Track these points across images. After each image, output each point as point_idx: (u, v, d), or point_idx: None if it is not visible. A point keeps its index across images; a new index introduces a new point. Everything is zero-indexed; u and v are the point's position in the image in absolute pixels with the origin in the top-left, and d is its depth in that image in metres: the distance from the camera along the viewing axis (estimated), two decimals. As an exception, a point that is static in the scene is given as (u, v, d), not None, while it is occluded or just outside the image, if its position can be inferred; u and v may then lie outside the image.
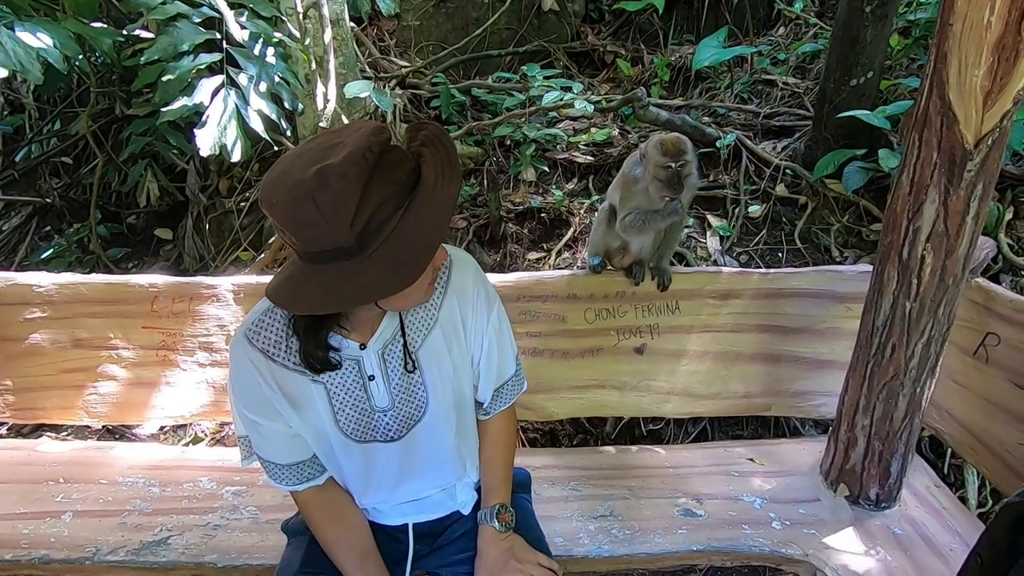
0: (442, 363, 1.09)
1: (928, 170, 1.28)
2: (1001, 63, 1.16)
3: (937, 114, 1.24)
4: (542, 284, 1.84)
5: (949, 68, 1.20)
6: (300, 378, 1.02)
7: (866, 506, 1.58)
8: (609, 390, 1.88)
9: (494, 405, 1.19)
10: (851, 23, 2.40)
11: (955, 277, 1.34)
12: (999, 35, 1.14)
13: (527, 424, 2.50)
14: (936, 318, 1.38)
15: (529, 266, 2.95)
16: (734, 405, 1.90)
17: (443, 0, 3.97)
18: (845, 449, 1.58)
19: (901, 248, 1.36)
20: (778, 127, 3.17)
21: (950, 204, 1.27)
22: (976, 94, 1.18)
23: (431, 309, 1.07)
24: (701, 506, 1.60)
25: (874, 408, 1.50)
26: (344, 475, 1.13)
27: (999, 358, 1.59)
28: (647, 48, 4.11)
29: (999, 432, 1.57)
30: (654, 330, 1.85)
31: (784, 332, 1.85)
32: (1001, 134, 1.21)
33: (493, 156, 3.43)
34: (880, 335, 1.45)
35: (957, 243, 1.30)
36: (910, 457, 1.58)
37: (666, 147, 1.61)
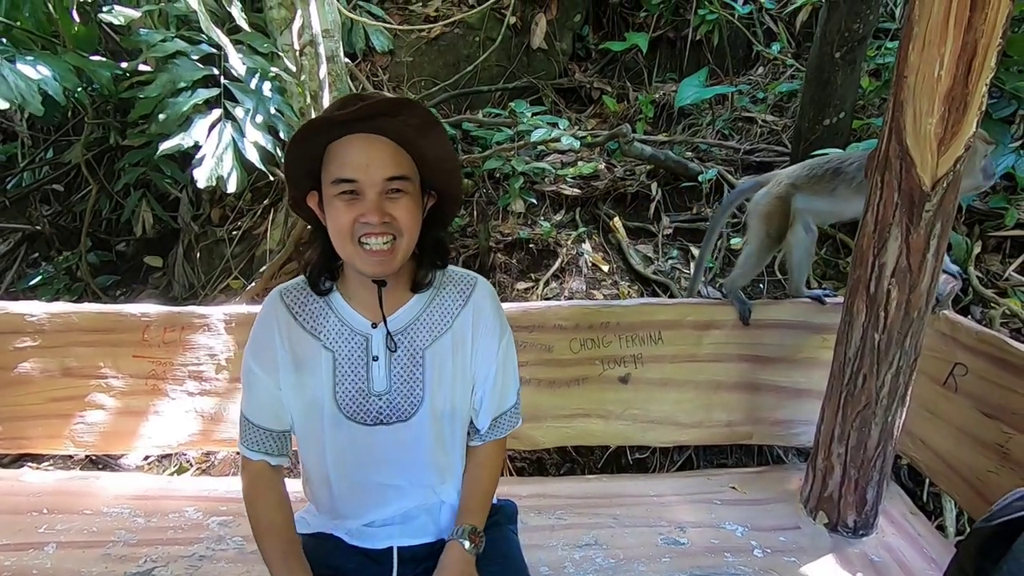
0: (444, 369, 1.11)
1: (890, 210, 1.36)
2: (952, 112, 1.25)
3: (896, 158, 1.33)
4: (528, 315, 1.89)
5: (905, 116, 1.30)
6: (313, 342, 1.08)
7: (844, 533, 1.61)
8: (595, 419, 1.92)
9: (489, 434, 1.20)
10: (822, 67, 2.53)
11: (919, 310, 1.41)
12: (948, 87, 1.24)
13: (515, 453, 2.52)
14: (903, 349, 1.44)
15: (518, 296, 3.00)
16: (717, 433, 1.94)
17: (435, 38, 4.11)
18: (823, 477, 1.63)
19: (868, 283, 1.43)
20: (758, 162, 3.30)
21: (911, 242, 1.35)
22: (931, 140, 1.28)
23: (448, 316, 1.12)
24: (684, 534, 1.63)
25: (848, 436, 1.55)
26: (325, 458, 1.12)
27: (967, 387, 1.66)
28: (632, 85, 4.26)
29: (970, 460, 1.62)
30: (638, 360, 1.90)
31: (764, 362, 1.91)
32: (955, 177, 1.30)
33: (483, 188, 3.51)
34: (852, 366, 1.51)
35: (920, 278, 1.38)
36: (885, 484, 1.62)
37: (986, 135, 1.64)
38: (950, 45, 1.21)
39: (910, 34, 1.27)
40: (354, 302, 1.10)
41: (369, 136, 0.98)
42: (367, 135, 0.98)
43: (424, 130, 1.00)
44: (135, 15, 2.72)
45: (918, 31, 1.25)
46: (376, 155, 0.98)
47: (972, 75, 1.22)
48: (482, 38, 4.05)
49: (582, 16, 4.38)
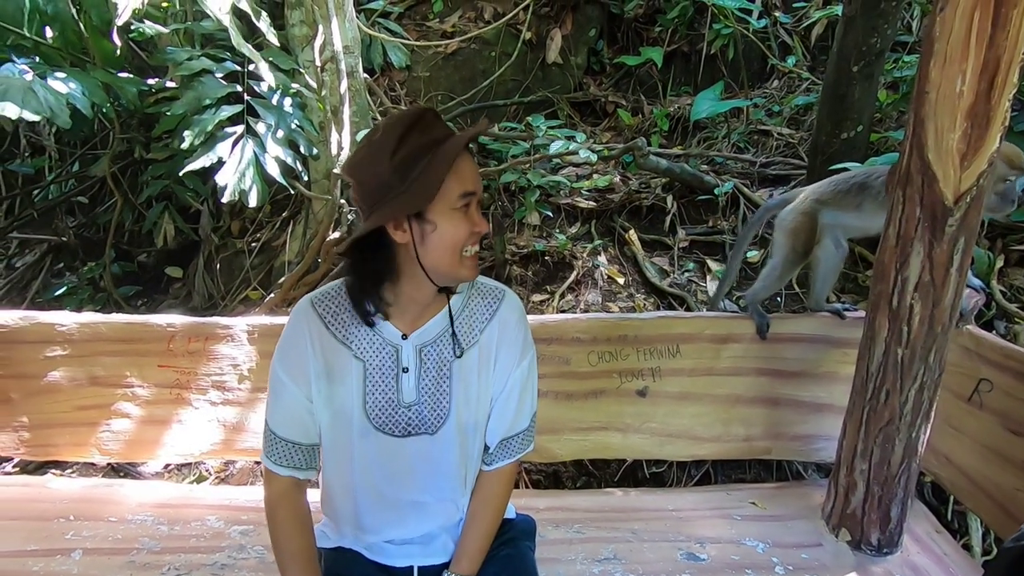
0: (471, 382, 1.11)
1: (912, 224, 1.36)
2: (975, 128, 1.25)
3: (918, 173, 1.33)
4: (546, 327, 1.90)
5: (927, 132, 1.30)
6: (344, 351, 1.08)
7: (868, 552, 1.59)
8: (612, 432, 1.92)
9: (498, 456, 1.17)
10: (840, 81, 2.54)
11: (943, 325, 1.40)
12: (971, 103, 1.24)
13: (531, 466, 2.51)
14: (927, 365, 1.43)
15: (533, 308, 3.01)
16: (735, 448, 1.93)
17: (452, 53, 4.18)
18: (845, 494, 1.61)
19: (891, 297, 1.43)
20: (774, 176, 3.29)
21: (935, 256, 1.35)
22: (953, 156, 1.28)
23: (475, 329, 1.11)
24: (704, 550, 1.62)
25: (872, 453, 1.53)
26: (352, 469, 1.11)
27: (993, 404, 1.63)
28: (647, 99, 4.29)
29: (996, 477, 1.59)
30: (656, 373, 1.90)
31: (783, 376, 1.89)
32: (979, 192, 1.30)
33: (499, 201, 3.54)
34: (875, 381, 1.50)
35: (943, 293, 1.37)
36: (909, 502, 1.60)
37: (1012, 158, 1.55)
38: (972, 62, 1.22)
39: (931, 51, 1.28)
40: (390, 311, 1.08)
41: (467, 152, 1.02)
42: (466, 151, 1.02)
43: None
44: (164, 31, 2.80)
45: (939, 48, 1.26)
46: (476, 168, 1.04)
47: (994, 91, 1.22)
48: (498, 53, 4.11)
49: (597, 31, 4.42)
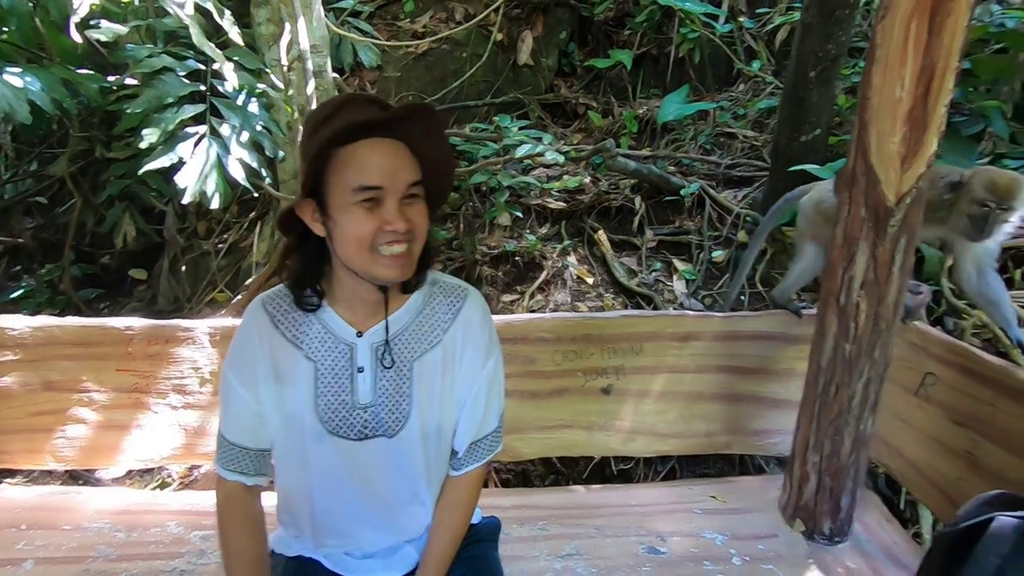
0: (433, 384, 1.07)
1: (857, 224, 1.41)
2: (913, 132, 1.31)
3: (862, 175, 1.38)
4: (511, 327, 1.92)
5: (870, 135, 1.35)
6: (294, 352, 1.04)
7: (821, 541, 1.64)
8: (577, 430, 1.94)
9: (467, 459, 1.14)
10: (798, 85, 2.61)
11: (888, 322, 1.46)
12: (909, 108, 1.29)
13: (500, 465, 2.53)
14: (873, 359, 1.48)
15: (504, 308, 3.03)
16: (697, 443, 1.97)
17: (423, 53, 4.17)
18: (799, 486, 1.66)
19: (838, 295, 1.48)
20: (739, 177, 3.37)
21: (878, 255, 1.40)
22: (894, 158, 1.33)
23: (437, 329, 1.08)
24: (664, 543, 1.65)
25: (823, 445, 1.58)
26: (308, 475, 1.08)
27: (938, 397, 1.70)
28: (617, 101, 4.34)
29: (941, 467, 1.66)
30: (619, 371, 1.93)
31: (743, 373, 1.94)
32: (918, 193, 1.35)
33: (469, 202, 3.55)
34: (825, 376, 1.55)
35: (887, 290, 1.42)
36: (859, 492, 1.66)
37: (996, 185, 1.46)
38: (910, 68, 1.27)
39: (873, 57, 1.33)
40: (339, 308, 1.05)
41: (389, 141, 0.95)
42: (388, 140, 0.95)
43: (434, 134, 0.99)
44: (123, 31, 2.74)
45: (880, 54, 1.31)
46: (399, 160, 0.96)
47: (931, 96, 1.28)
48: (469, 54, 4.12)
49: (567, 33, 4.46)
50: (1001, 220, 1.49)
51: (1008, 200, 1.45)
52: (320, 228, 0.99)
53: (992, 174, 1.51)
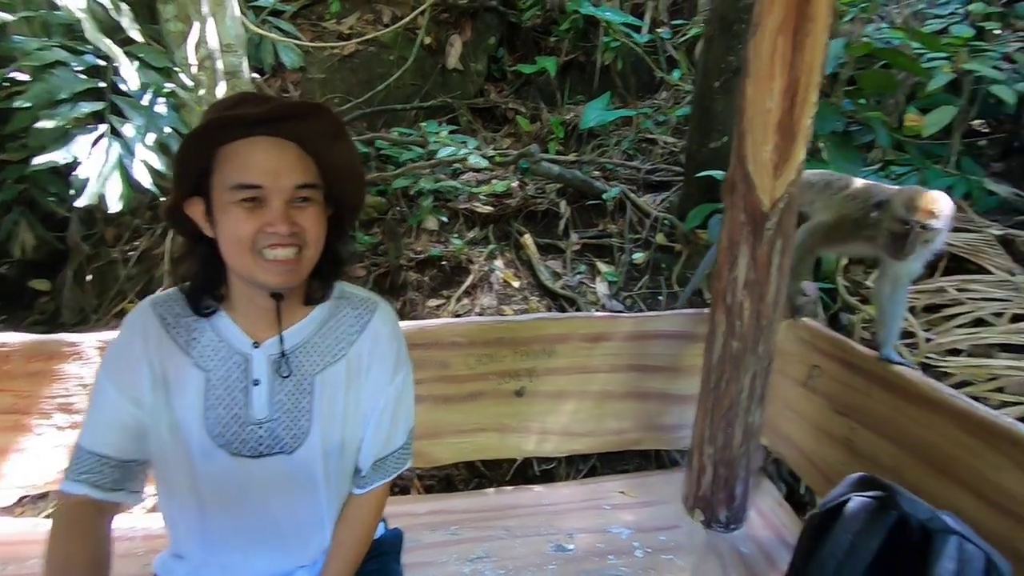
0: (336, 399, 1.03)
1: (738, 228, 1.49)
2: (783, 141, 1.40)
3: (741, 181, 1.46)
4: (424, 332, 1.91)
5: (746, 144, 1.44)
6: (183, 359, 0.98)
7: (718, 529, 1.72)
8: (491, 433, 1.96)
9: (372, 477, 1.10)
10: (704, 95, 2.74)
11: (769, 319, 1.55)
12: (778, 119, 1.38)
13: (421, 471, 2.51)
14: (757, 355, 1.58)
15: (429, 313, 3.02)
16: (608, 441, 2.02)
17: (349, 55, 4.10)
18: (698, 477, 1.74)
19: (725, 295, 1.56)
20: (658, 181, 3.50)
21: (758, 257, 1.49)
22: (767, 166, 1.42)
23: (342, 342, 1.04)
24: (572, 540, 1.69)
25: (717, 437, 1.67)
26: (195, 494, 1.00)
27: (823, 388, 1.83)
28: (546, 106, 4.42)
29: (825, 454, 1.78)
30: (532, 373, 1.96)
31: (651, 371, 2.01)
32: (791, 199, 1.45)
33: (396, 206, 3.52)
34: (716, 371, 1.63)
35: (767, 290, 1.51)
36: (752, 481, 1.75)
37: (916, 204, 1.42)
38: (778, 81, 1.36)
39: (747, 71, 1.42)
40: (236, 316, 1.00)
41: (275, 140, 0.92)
42: (273, 138, 0.92)
43: (334, 137, 0.95)
44: (8, 18, 2.55)
45: (753, 68, 1.40)
46: (285, 160, 0.92)
47: (796, 108, 1.37)
48: (396, 57, 4.09)
49: (497, 39, 4.50)
50: (922, 239, 1.44)
51: (928, 219, 1.41)
52: (209, 229, 0.95)
53: (913, 193, 1.47)
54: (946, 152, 3.04)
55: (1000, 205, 2.94)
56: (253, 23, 3.63)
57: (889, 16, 3.61)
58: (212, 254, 0.97)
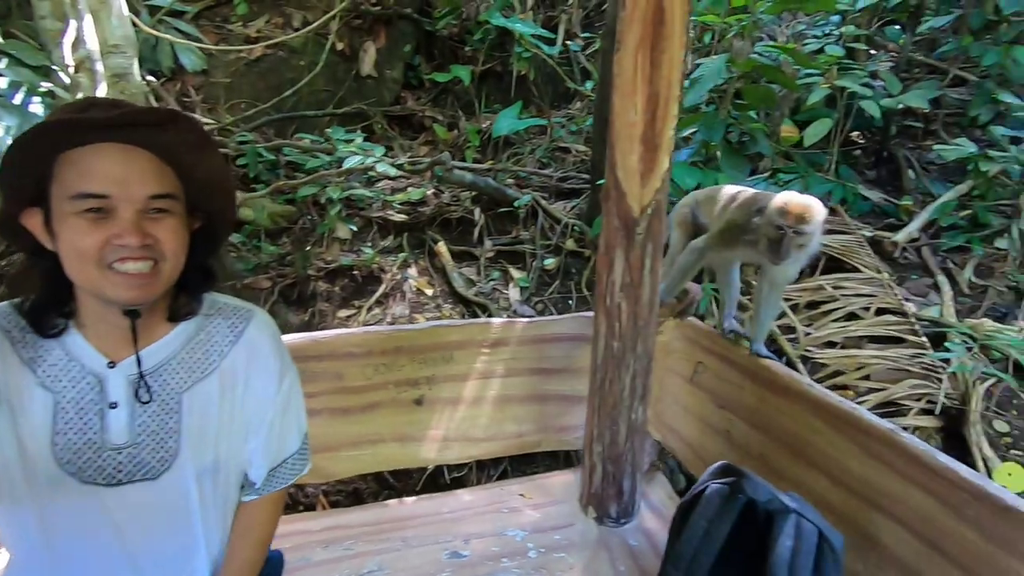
0: (208, 416, 0.97)
1: (613, 233, 1.56)
2: (648, 151, 1.48)
3: (613, 189, 1.53)
4: (318, 343, 1.86)
5: (616, 154, 1.51)
6: (28, 376, 0.90)
7: (609, 524, 1.78)
8: (390, 443, 1.93)
9: (267, 486, 1.07)
10: (602, 106, 2.84)
11: (645, 320, 1.63)
12: (642, 130, 1.46)
13: (329, 487, 2.45)
14: (636, 354, 1.65)
15: (339, 323, 2.96)
16: (509, 445, 2.05)
17: (256, 59, 3.97)
18: (589, 475, 1.79)
19: (605, 298, 1.63)
20: (569, 189, 3.60)
21: (631, 261, 1.56)
22: (635, 175, 1.49)
23: (214, 354, 0.99)
24: (468, 546, 1.69)
25: (604, 435, 1.73)
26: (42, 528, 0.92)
27: (706, 383, 1.93)
28: (465, 115, 4.44)
29: (709, 446, 1.88)
30: (431, 381, 1.96)
31: (549, 373, 2.06)
32: (658, 206, 1.53)
33: (307, 215, 3.43)
34: (600, 371, 1.69)
35: (641, 292, 1.59)
36: (641, 476, 1.83)
37: (786, 210, 1.46)
38: (640, 95, 1.44)
39: (614, 85, 1.49)
40: (88, 333, 0.92)
41: (125, 147, 0.86)
42: (123, 145, 0.86)
43: (197, 148, 0.91)
44: None
45: (618, 82, 1.47)
46: (136, 168, 0.86)
47: (658, 121, 1.45)
48: (307, 62, 3.99)
49: (413, 46, 4.49)
50: (796, 244, 1.48)
51: (799, 224, 1.45)
52: (49, 242, 0.88)
53: (786, 198, 1.51)
54: (826, 161, 3.31)
55: (872, 209, 3.23)
56: (148, 23, 3.44)
57: (775, 35, 3.90)
58: (55, 269, 0.89)
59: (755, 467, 1.63)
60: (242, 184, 3.43)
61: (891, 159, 3.52)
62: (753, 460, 1.70)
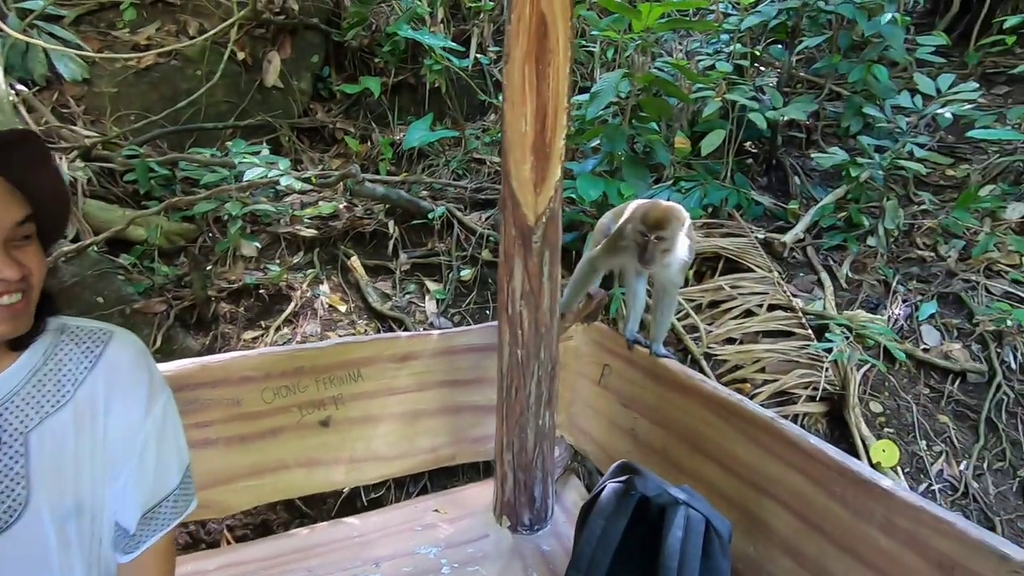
0: (63, 453, 0.88)
1: (512, 242, 1.58)
2: (539, 161, 1.51)
3: (509, 198, 1.55)
4: (209, 369, 1.75)
5: (510, 164, 1.53)
6: None
7: (523, 532, 1.79)
8: (295, 469, 1.85)
9: (145, 533, 0.95)
10: (512, 117, 2.89)
11: (546, 326, 1.65)
12: (533, 140, 1.49)
13: (234, 521, 2.30)
14: (540, 360, 1.67)
15: (244, 345, 2.80)
16: (423, 460, 2.01)
17: (147, 68, 3.72)
18: (501, 484, 1.79)
19: (507, 306, 1.64)
20: (483, 199, 3.61)
21: (530, 268, 1.59)
22: (528, 184, 1.52)
23: (66, 384, 0.89)
24: (378, 569, 1.64)
25: (513, 443, 1.73)
26: None
27: (612, 385, 1.99)
28: (378, 126, 4.37)
29: (617, 445, 1.94)
30: (338, 401, 1.89)
31: (460, 385, 2.05)
32: (552, 214, 1.57)
33: (208, 233, 3.24)
34: (507, 379, 1.70)
35: (541, 299, 1.62)
36: (552, 481, 1.85)
37: (646, 217, 1.54)
38: (529, 106, 1.47)
39: (504, 96, 1.51)
40: None
41: None
42: None
43: (43, 164, 0.86)
44: None
45: (508, 94, 1.49)
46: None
47: (547, 131, 1.49)
48: (205, 72, 3.78)
49: (321, 57, 4.37)
50: (660, 249, 1.55)
51: (658, 230, 1.53)
52: None
53: (647, 206, 1.60)
54: (722, 169, 3.53)
55: (763, 213, 3.48)
56: (16, 27, 3.14)
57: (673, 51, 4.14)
58: None
59: (658, 462, 1.70)
60: (131, 201, 3.19)
61: (779, 166, 3.81)
62: (656, 455, 1.77)
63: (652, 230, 1.53)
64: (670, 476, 1.59)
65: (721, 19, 3.71)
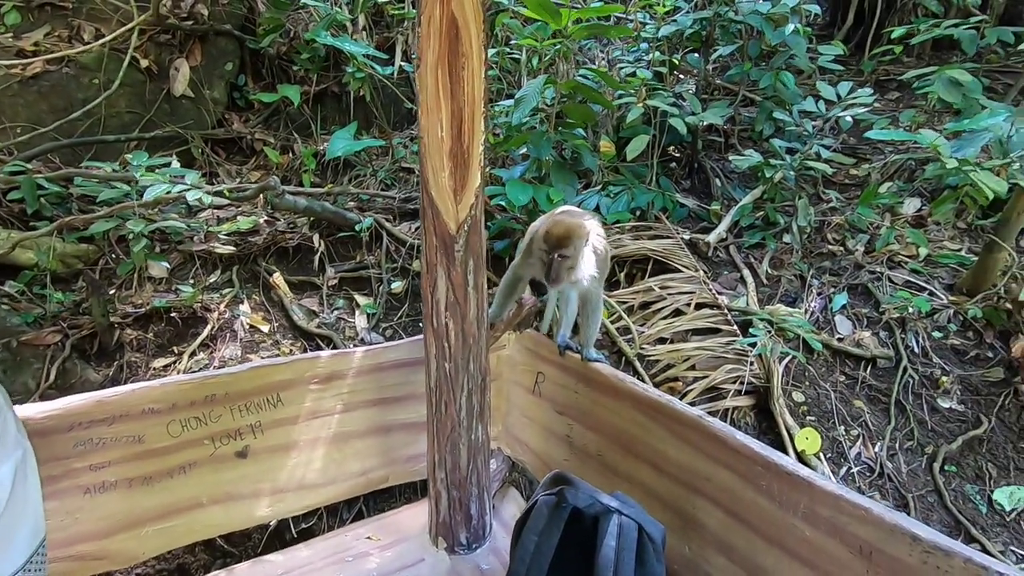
0: None
1: (433, 252, 1.52)
2: (458, 168, 1.47)
3: (428, 207, 1.50)
4: (104, 405, 1.58)
5: (427, 171, 1.47)
6: None
7: (461, 552, 1.72)
8: (210, 507, 1.70)
9: None
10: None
11: (474, 337, 1.61)
12: (450, 146, 1.45)
13: (145, 569, 2.10)
14: (469, 372, 1.62)
15: (154, 374, 2.58)
16: (354, 485, 1.91)
17: (34, 76, 3.40)
18: (436, 504, 1.72)
19: (432, 318, 1.58)
20: (412, 209, 3.53)
21: (453, 278, 1.53)
22: (447, 191, 1.47)
23: None
24: (305, 609, 1.53)
25: (445, 461, 1.67)
26: None
27: (547, 392, 1.96)
28: (301, 137, 4.20)
29: (553, 452, 1.91)
30: (256, 429, 1.76)
31: (390, 403, 1.96)
32: (474, 221, 1.53)
33: (110, 253, 2.98)
34: (435, 395, 1.64)
35: (467, 309, 1.57)
36: (488, 496, 1.79)
37: (548, 235, 1.53)
38: (444, 111, 1.42)
39: (419, 102, 1.46)
40: None
41: None
42: None
43: None
44: None
45: (422, 99, 1.44)
46: None
47: (464, 136, 1.45)
48: (103, 80, 3.50)
49: (236, 65, 4.15)
50: (566, 266, 1.55)
51: (560, 248, 1.53)
52: None
53: (549, 224, 1.59)
54: (648, 173, 3.61)
55: (688, 215, 3.59)
56: None
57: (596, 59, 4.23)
58: None
59: (594, 467, 1.68)
60: (18, 222, 2.88)
61: (701, 169, 3.95)
62: (592, 461, 1.75)
63: (554, 248, 1.53)
64: (606, 481, 1.58)
65: (639, 27, 3.81)
